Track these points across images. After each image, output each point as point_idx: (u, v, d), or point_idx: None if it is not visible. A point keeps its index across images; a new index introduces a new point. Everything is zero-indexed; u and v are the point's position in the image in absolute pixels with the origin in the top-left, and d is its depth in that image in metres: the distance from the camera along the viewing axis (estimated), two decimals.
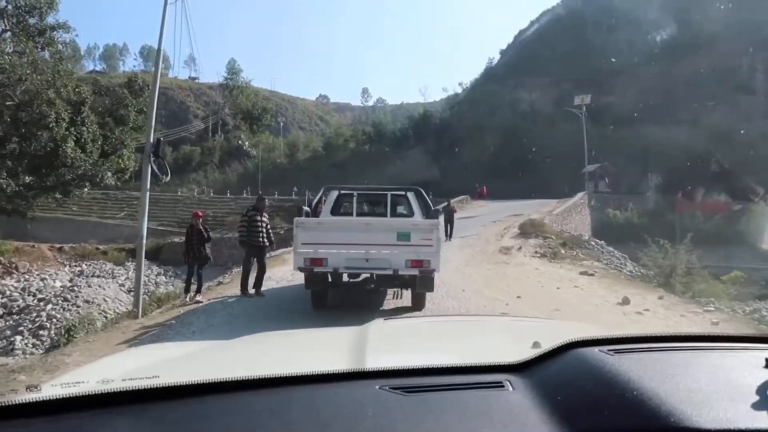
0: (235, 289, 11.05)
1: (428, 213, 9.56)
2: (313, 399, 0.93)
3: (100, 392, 0.93)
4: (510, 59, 73.80)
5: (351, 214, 9.68)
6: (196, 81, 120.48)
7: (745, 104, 44.62)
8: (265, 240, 10.55)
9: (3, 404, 0.85)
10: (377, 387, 0.97)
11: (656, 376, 0.85)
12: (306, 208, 9.63)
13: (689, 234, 19.44)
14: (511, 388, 0.98)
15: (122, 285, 19.49)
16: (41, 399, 0.87)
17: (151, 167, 10.17)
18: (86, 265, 26.53)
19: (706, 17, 53.56)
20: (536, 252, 16.29)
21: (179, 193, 59.76)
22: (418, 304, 9.01)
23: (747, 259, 24.19)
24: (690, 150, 40.85)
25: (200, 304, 10.30)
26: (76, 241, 34.66)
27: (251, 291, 10.52)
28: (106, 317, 12.80)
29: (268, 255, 11.56)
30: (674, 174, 37.52)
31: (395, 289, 9.70)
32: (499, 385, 1.00)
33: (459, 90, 76.00)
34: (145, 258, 30.12)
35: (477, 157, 51.96)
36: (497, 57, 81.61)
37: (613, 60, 53.13)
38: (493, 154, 51.65)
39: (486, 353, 1.31)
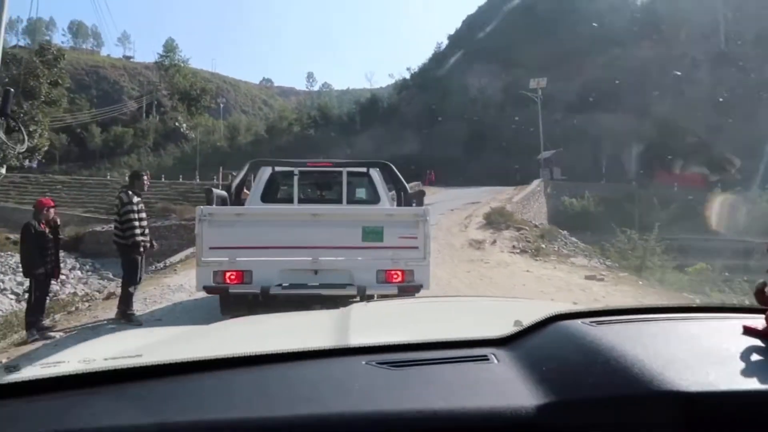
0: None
1: (403, 199, 7.05)
2: (298, 375, 0.92)
3: (80, 372, 0.92)
4: (458, 44, 72.79)
5: (290, 201, 7.01)
6: (131, 60, 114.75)
7: (690, 94, 45.06)
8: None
9: None
10: (363, 362, 0.97)
11: (638, 345, 0.87)
12: (219, 192, 6.85)
13: (657, 224, 18.46)
14: (496, 361, 0.99)
15: (21, 283, 16.55)
16: (21, 380, 0.87)
17: None
18: None
19: (653, 8, 54.10)
20: (514, 247, 14.38)
21: (108, 177, 55.85)
22: None
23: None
24: (640, 138, 40.81)
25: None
26: None
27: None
28: None
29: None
30: (651, 150, 37.30)
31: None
32: (484, 358, 1.00)
33: (407, 75, 74.28)
34: (63, 249, 27.02)
35: (427, 143, 50.63)
36: (445, 42, 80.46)
37: (564, 45, 52.70)
38: (444, 141, 50.44)
39: (470, 330, 1.27)
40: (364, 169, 7.34)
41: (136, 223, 7.22)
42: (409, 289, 5.61)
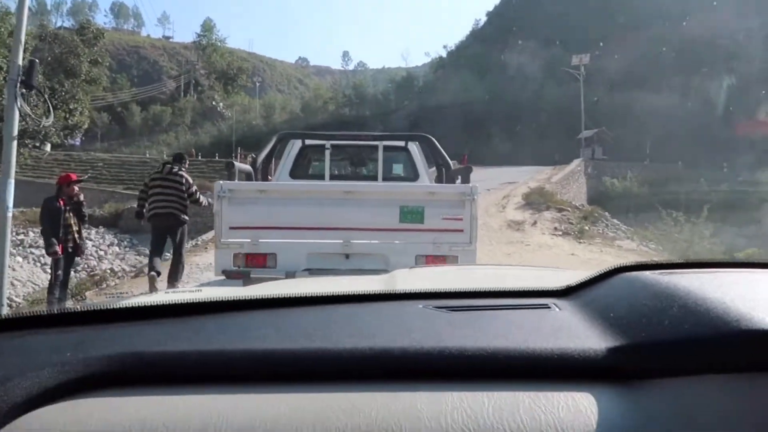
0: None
1: (445, 176, 6.35)
2: (357, 315, 0.92)
3: (143, 304, 0.95)
4: (497, 21, 71.20)
5: (321, 177, 6.41)
6: (170, 40, 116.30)
7: (740, 72, 42.97)
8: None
9: (48, 312, 0.89)
10: (421, 306, 0.95)
11: (718, 289, 0.80)
12: (243, 166, 6.21)
13: (706, 206, 17.60)
14: (557, 309, 0.93)
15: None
16: (85, 308, 0.91)
17: (19, 103, 7.35)
18: (33, 232, 23.75)
19: None
20: (556, 229, 13.74)
21: (147, 155, 56.88)
22: None
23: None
24: (686, 117, 39.22)
25: None
26: (33, 205, 31.95)
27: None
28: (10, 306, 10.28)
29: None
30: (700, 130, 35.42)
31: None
32: (545, 306, 0.95)
33: (443, 53, 73.19)
34: (103, 225, 27.53)
35: (463, 122, 49.77)
36: (484, 19, 78.78)
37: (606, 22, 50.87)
38: (480, 120, 49.52)
39: (525, 285, 1.17)
40: (402, 143, 6.76)
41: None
42: None
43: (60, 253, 6.93)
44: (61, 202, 6.97)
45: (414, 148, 6.72)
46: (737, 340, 0.65)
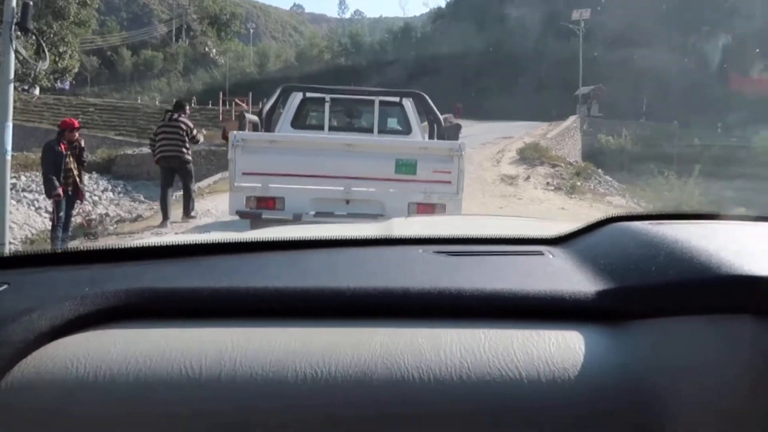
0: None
1: (436, 131, 6.83)
2: (361, 258, 0.97)
3: (156, 244, 1.00)
4: None
5: (321, 128, 6.86)
6: None
7: (740, 30, 42.35)
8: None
9: (65, 249, 0.94)
10: (420, 251, 0.99)
11: (704, 237, 0.83)
12: (251, 117, 6.77)
13: (697, 165, 17.78)
14: (551, 256, 0.97)
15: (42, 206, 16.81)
16: (100, 247, 0.95)
17: (14, 46, 7.26)
18: (26, 176, 23.63)
19: None
20: (548, 184, 13.81)
21: (139, 101, 56.06)
22: None
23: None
24: (683, 76, 38.90)
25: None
26: (23, 149, 31.67)
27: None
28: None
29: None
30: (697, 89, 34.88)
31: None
32: (539, 253, 0.99)
33: (442, 3, 71.66)
34: (96, 171, 27.41)
35: (460, 74, 49.11)
36: None
37: None
38: (478, 73, 48.90)
39: (520, 233, 1.21)
40: (396, 99, 7.20)
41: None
42: None
43: (61, 195, 7.06)
44: (63, 147, 7.08)
45: (408, 104, 7.12)
46: (719, 284, 0.68)
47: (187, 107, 8.75)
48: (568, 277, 0.83)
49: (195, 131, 8.45)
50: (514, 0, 58.82)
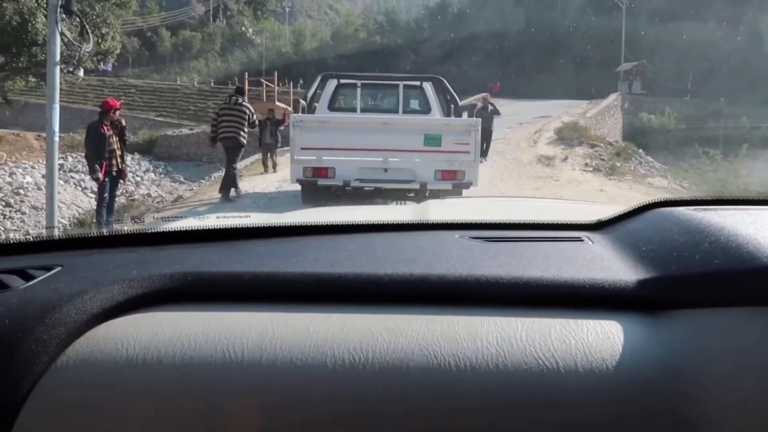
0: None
1: (453, 110, 7.89)
2: (397, 243, 0.97)
3: (199, 228, 1.00)
4: None
5: (354, 110, 7.98)
6: None
7: None
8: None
9: (112, 232, 0.97)
10: (457, 236, 0.99)
11: (752, 224, 0.80)
12: (303, 102, 7.97)
13: (745, 145, 17.07)
14: (590, 243, 0.95)
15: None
16: (146, 230, 0.97)
17: (59, 29, 7.44)
18: (72, 157, 24.38)
19: None
20: (587, 164, 13.45)
21: (178, 81, 56.85)
22: None
23: None
24: (731, 51, 37.27)
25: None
26: (69, 130, 32.59)
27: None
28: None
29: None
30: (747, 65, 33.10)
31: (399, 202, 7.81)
32: (578, 239, 0.97)
33: None
34: (138, 152, 28.07)
35: (497, 52, 48.14)
36: None
37: None
38: (515, 50, 47.83)
39: (557, 218, 1.20)
40: (417, 83, 8.29)
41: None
42: (461, 185, 6.77)
43: (103, 177, 7.25)
44: (105, 128, 7.25)
45: (428, 86, 8.17)
46: (764, 274, 0.66)
47: (246, 90, 9.85)
48: (608, 265, 0.82)
49: (254, 116, 9.23)
50: None
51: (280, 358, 0.66)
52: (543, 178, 11.82)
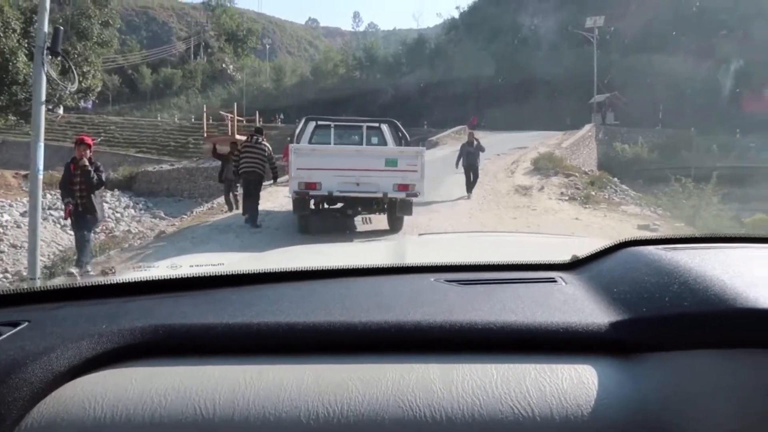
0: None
1: (404, 143, 10.00)
2: (372, 288, 0.97)
3: (170, 277, 0.99)
4: None
5: (328, 144, 9.91)
6: (180, 1, 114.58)
7: (759, 34, 41.84)
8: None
9: (83, 284, 0.94)
10: (432, 279, 1.00)
11: (718, 266, 0.82)
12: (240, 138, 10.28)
13: (715, 173, 17.60)
14: (564, 283, 0.97)
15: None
16: (117, 281, 0.96)
17: (45, 69, 7.57)
18: (51, 194, 24.22)
19: None
20: (563, 194, 13.79)
21: (159, 118, 56.99)
22: (395, 227, 9.48)
23: None
24: (701, 82, 38.54)
25: None
26: (48, 168, 32.27)
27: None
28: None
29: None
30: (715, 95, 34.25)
31: (364, 216, 10.17)
32: (551, 280, 0.99)
33: (455, 14, 71.57)
34: (117, 188, 27.87)
35: (475, 85, 49.18)
36: None
37: None
38: (492, 83, 48.90)
39: (529, 258, 1.23)
40: (377, 124, 10.43)
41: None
42: (412, 194, 8.82)
43: (66, 215, 7.33)
44: (72, 165, 7.19)
45: (384, 127, 10.27)
46: (733, 318, 0.68)
47: (263, 131, 11.35)
48: (581, 307, 0.83)
49: (273, 157, 10.53)
50: (527, 9, 58.85)
51: (253, 413, 0.65)
52: (520, 208, 12.08)
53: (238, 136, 19.07)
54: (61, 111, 47.25)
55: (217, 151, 14.35)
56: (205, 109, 38.11)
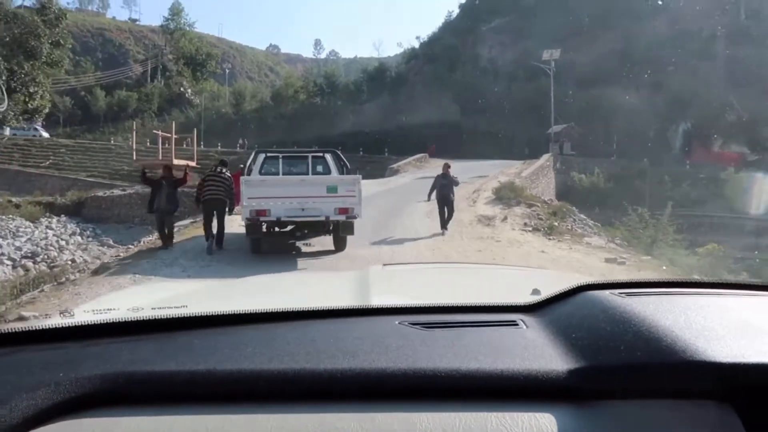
0: None
1: (345, 171, 10.89)
2: (339, 332, 0.96)
3: (132, 319, 0.97)
4: (470, 14, 71.12)
5: (277, 173, 10.59)
6: (137, 23, 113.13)
7: (704, 70, 43.82)
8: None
9: (39, 327, 0.90)
10: (397, 322, 1.00)
11: (670, 315, 0.88)
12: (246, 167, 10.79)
13: (669, 202, 18.00)
14: (525, 327, 1.00)
15: (19, 248, 16.21)
16: (75, 324, 0.92)
17: None
18: None
19: None
20: (526, 224, 13.65)
21: (112, 141, 55.45)
22: (340, 246, 10.18)
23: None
24: (652, 114, 39.91)
25: None
26: None
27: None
28: None
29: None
30: (698, 124, 36.03)
31: (306, 242, 10.87)
32: (513, 323, 1.02)
33: (416, 44, 72.74)
34: (65, 213, 26.65)
35: (433, 113, 49.69)
36: (456, 11, 78.67)
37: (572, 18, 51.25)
38: (451, 111, 49.54)
39: (490, 297, 1.28)
40: (321, 154, 11.26)
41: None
42: (351, 217, 9.63)
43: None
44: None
45: (328, 156, 11.08)
46: (683, 369, 0.71)
47: (227, 163, 11.84)
48: (541, 353, 0.84)
49: (233, 186, 10.83)
50: (484, 41, 60.30)
51: None
52: (484, 239, 11.83)
53: (176, 160, 15.39)
54: (7, 132, 45.38)
55: (147, 175, 12.29)
56: (134, 126, 36.77)
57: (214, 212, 10.60)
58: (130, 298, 1.70)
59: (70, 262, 13.06)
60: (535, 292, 1.21)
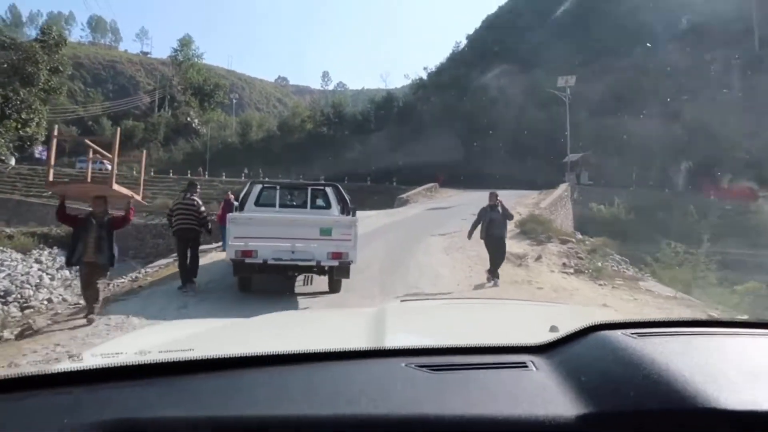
0: None
1: (345, 206, 10.20)
2: (343, 375, 0.96)
3: (138, 363, 0.98)
4: (478, 45, 70.88)
5: (274, 206, 10.06)
6: (148, 56, 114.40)
7: (721, 99, 42.72)
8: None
9: (48, 372, 0.90)
10: (403, 365, 0.99)
11: (681, 359, 0.86)
12: (236, 202, 10.36)
13: (705, 236, 16.51)
14: (534, 369, 0.98)
15: None
16: (82, 368, 0.93)
17: None
18: None
19: (682, 8, 51.70)
20: (565, 265, 11.63)
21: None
22: (334, 288, 9.33)
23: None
24: (667, 144, 38.68)
25: None
26: None
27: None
28: None
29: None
30: (706, 160, 34.92)
31: (306, 275, 9.83)
32: (522, 365, 1.00)
33: (423, 75, 72.29)
34: (59, 246, 25.42)
35: (443, 143, 48.67)
36: (464, 42, 78.56)
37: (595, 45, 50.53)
38: (461, 141, 48.54)
39: (506, 335, 1.26)
40: (321, 187, 10.80)
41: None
42: (345, 263, 8.66)
43: None
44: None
45: (329, 189, 10.56)
46: (694, 417, 0.69)
47: (198, 185, 10.32)
48: (550, 398, 0.81)
49: (203, 210, 9.82)
50: (493, 71, 59.62)
51: None
52: (521, 284, 10.05)
53: (117, 187, 8.16)
54: (12, 162, 44.72)
55: (66, 210, 7.85)
56: (55, 133, 34.04)
57: (188, 242, 9.61)
58: (138, 340, 1.67)
59: (45, 302, 11.71)
60: (553, 329, 1.15)
